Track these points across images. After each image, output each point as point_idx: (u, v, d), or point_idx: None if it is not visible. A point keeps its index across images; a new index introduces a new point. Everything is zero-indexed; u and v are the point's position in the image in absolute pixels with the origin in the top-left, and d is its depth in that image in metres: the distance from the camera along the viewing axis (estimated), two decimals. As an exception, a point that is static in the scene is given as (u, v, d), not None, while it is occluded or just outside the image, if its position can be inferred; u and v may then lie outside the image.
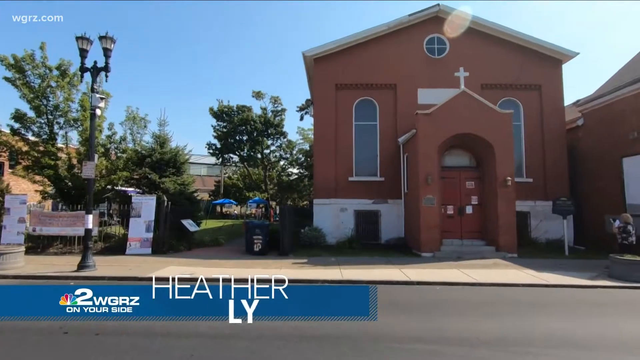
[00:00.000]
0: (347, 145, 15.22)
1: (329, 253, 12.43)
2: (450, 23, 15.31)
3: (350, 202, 14.88)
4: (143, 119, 15.00)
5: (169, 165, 14.17)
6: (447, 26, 15.32)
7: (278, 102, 39.49)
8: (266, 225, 12.14)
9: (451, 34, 15.32)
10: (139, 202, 12.26)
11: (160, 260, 10.61)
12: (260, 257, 11.54)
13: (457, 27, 15.27)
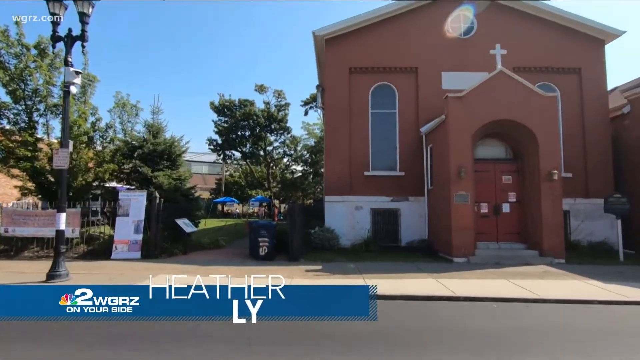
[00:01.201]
0: (362, 136, 13.59)
1: (345, 257, 10.82)
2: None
3: (366, 199, 13.26)
4: (134, 106, 13.42)
5: (162, 158, 12.58)
6: (475, 2, 13.65)
7: (282, 96, 37.92)
8: (273, 226, 10.54)
9: (479, 11, 13.65)
10: (126, 198, 10.68)
11: (149, 267, 9.02)
12: (267, 263, 9.94)
13: (485, 3, 13.60)
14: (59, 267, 7.55)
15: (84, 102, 12.43)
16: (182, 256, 10.90)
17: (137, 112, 13.40)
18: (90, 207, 22.35)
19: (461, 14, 13.79)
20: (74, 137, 11.58)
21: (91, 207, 22.90)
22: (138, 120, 13.40)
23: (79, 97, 12.62)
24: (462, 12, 13.78)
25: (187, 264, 9.63)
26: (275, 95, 37.87)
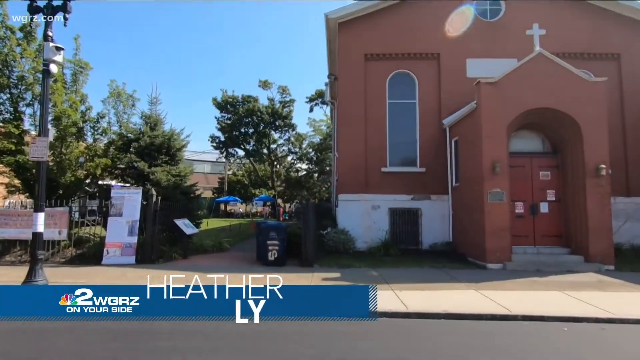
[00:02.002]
0: (379, 129, 12.42)
1: (363, 263, 9.67)
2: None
3: (383, 198, 12.09)
4: (131, 96, 12.29)
5: (161, 152, 11.46)
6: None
7: (286, 92, 36.76)
8: (283, 228, 9.39)
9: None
10: (119, 196, 9.56)
11: (143, 274, 7.87)
12: (277, 269, 8.76)
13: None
14: (35, 276, 6.45)
15: (75, 92, 11.31)
16: (181, 261, 9.78)
17: (133, 103, 12.30)
18: (87, 206, 21.24)
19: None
20: (63, 128, 10.49)
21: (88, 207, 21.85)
22: (134, 111, 12.31)
23: (70, 86, 11.53)
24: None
25: (186, 270, 8.49)
26: (280, 91, 36.75)
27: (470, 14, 12.43)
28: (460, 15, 12.39)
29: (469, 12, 12.43)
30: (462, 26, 12.35)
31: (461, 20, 12.36)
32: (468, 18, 12.38)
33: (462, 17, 12.38)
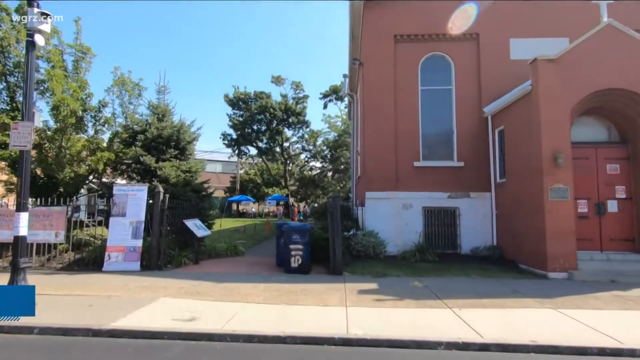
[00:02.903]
0: (410, 119, 11.10)
1: (399, 270, 8.38)
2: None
3: (416, 196, 10.77)
4: (137, 84, 11.20)
5: (169, 145, 10.35)
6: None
7: (300, 88, 35.64)
8: (308, 230, 8.16)
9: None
10: (122, 194, 8.45)
11: (148, 285, 6.75)
12: (302, 278, 7.56)
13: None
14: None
15: (77, 80, 10.28)
16: (192, 267, 8.63)
17: (139, 92, 11.21)
18: (96, 205, 20.21)
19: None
20: (62, 118, 9.46)
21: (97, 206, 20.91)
22: (141, 102, 11.23)
23: (72, 74, 10.50)
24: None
25: (198, 279, 7.34)
26: (293, 87, 35.67)
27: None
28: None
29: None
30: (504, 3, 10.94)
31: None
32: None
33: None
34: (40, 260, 8.50)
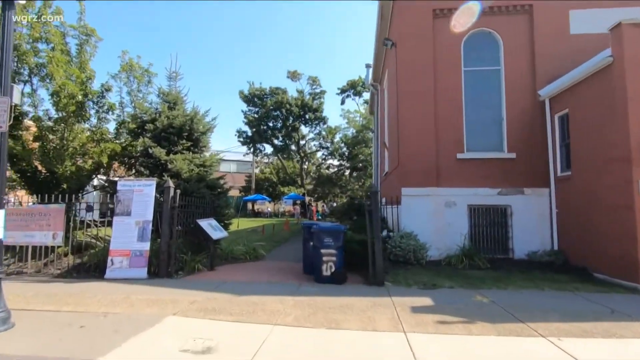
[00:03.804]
0: (452, 105, 9.72)
1: (450, 280, 7.04)
2: None
3: (460, 192, 9.40)
4: (146, 70, 10.16)
5: (181, 136, 9.26)
6: None
7: (317, 83, 34.39)
8: (342, 232, 6.88)
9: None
10: (127, 189, 7.37)
11: (154, 299, 5.61)
12: (339, 290, 6.30)
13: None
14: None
15: (80, 67, 9.27)
16: (207, 274, 7.49)
17: (149, 79, 10.19)
18: (108, 203, 19.39)
19: None
20: (63, 107, 8.46)
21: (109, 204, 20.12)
22: (151, 89, 10.20)
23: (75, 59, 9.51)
24: None
25: (214, 290, 6.18)
26: (310, 83, 34.47)
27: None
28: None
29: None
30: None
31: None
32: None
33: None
34: (36, 265, 7.50)
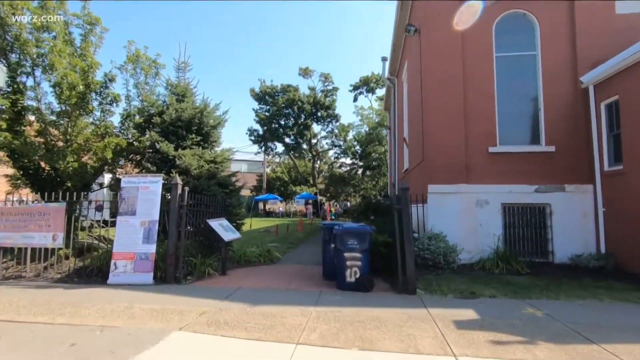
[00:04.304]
0: (483, 94, 8.90)
1: (489, 287, 6.26)
2: None
3: (493, 189, 8.57)
4: (154, 62, 9.59)
5: (190, 130, 8.64)
6: None
7: (329, 79, 33.67)
8: (368, 233, 6.14)
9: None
10: (131, 186, 6.76)
11: (159, 309, 4.97)
12: (366, 299, 5.57)
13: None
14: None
15: (81, 55, 8.71)
16: (218, 279, 6.84)
17: (157, 71, 9.61)
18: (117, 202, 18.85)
19: None
20: (65, 99, 7.92)
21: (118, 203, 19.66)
22: (159, 81, 9.62)
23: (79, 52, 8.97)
24: None
25: (226, 298, 5.52)
26: (322, 79, 33.78)
27: None
28: None
29: None
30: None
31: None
32: None
33: None
34: (36, 269, 6.95)
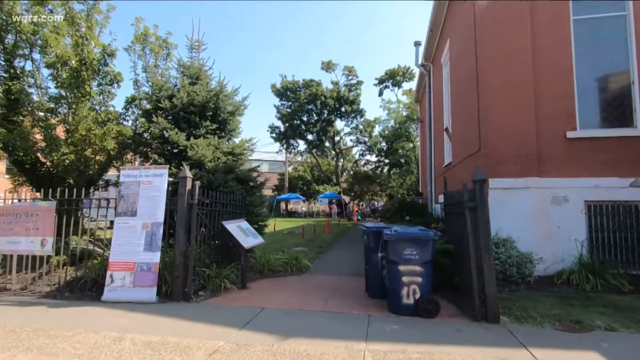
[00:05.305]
0: (558, 66, 7.22)
1: (592, 311, 4.68)
2: None
3: (573, 184, 6.90)
4: (165, 41, 8.43)
5: (204, 116, 7.40)
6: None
7: (353, 73, 32.17)
8: (430, 240, 4.65)
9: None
10: (132, 181, 5.55)
11: (157, 342, 3.68)
12: (434, 331, 4.10)
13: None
14: None
15: (72, 23, 7.55)
16: (237, 295, 5.53)
17: (168, 51, 8.47)
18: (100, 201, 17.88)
19: None
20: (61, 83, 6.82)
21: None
22: (170, 64, 8.46)
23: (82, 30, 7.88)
24: None
25: (246, 326, 4.18)
26: (345, 73, 32.32)
27: None
28: None
29: None
30: None
31: None
32: None
33: None
34: (23, 280, 5.85)
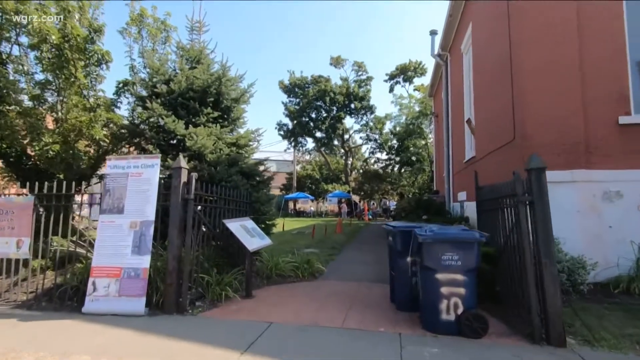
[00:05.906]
0: (608, 43, 6.29)
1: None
2: None
3: (627, 177, 5.98)
4: (163, 22, 7.70)
5: (205, 103, 6.62)
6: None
7: (362, 69, 31.26)
8: (475, 242, 3.81)
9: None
10: (119, 172, 4.79)
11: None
12: (481, 355, 3.25)
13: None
14: None
15: (65, 9, 6.84)
16: (240, 306, 4.73)
17: (167, 35, 7.74)
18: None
19: None
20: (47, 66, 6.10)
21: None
22: (169, 48, 7.72)
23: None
24: None
25: (249, 349, 3.37)
26: (355, 69, 31.43)
27: None
28: None
29: None
30: None
31: None
32: None
33: None
34: (0, 286, 5.14)
